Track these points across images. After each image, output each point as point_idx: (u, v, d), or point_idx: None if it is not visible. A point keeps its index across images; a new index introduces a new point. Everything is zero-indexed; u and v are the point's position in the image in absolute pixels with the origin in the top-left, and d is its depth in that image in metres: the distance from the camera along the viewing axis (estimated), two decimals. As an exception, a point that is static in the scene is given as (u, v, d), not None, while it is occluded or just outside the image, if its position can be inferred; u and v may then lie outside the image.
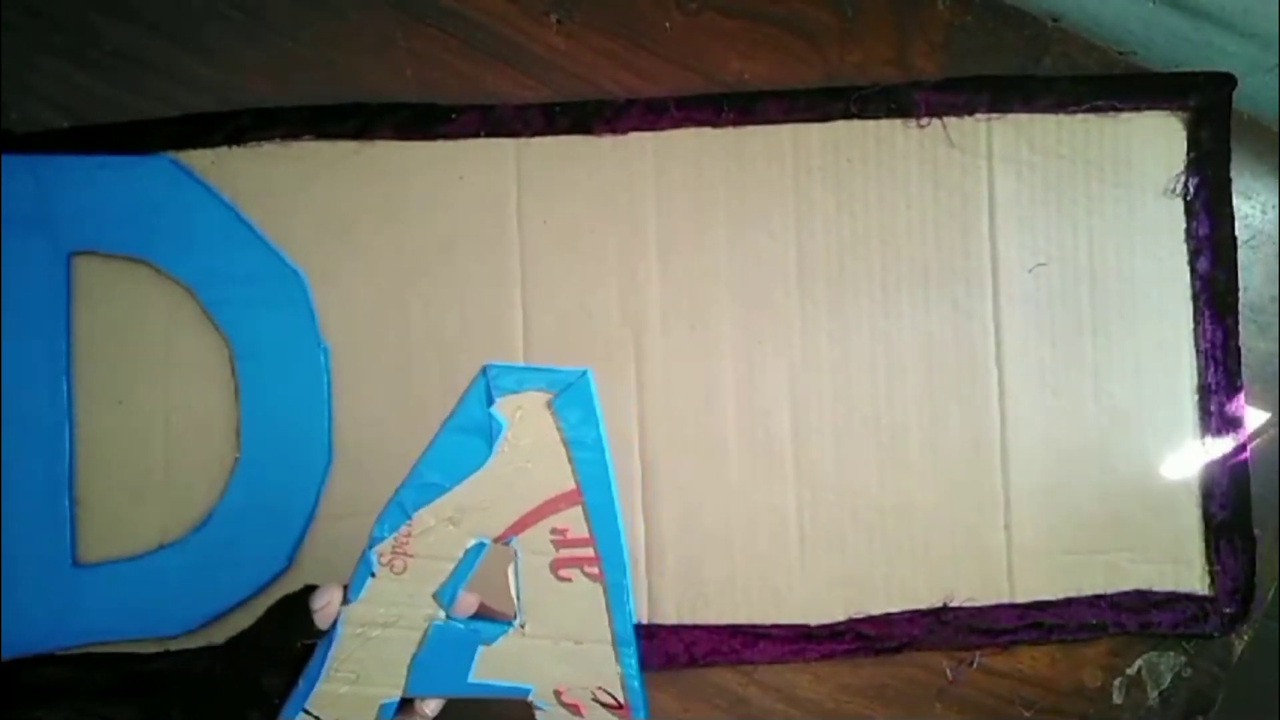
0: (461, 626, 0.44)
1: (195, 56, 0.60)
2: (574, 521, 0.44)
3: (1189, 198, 0.61)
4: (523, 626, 0.45)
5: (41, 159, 0.58)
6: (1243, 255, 0.62)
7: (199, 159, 0.58)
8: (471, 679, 0.44)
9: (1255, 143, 0.63)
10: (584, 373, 0.43)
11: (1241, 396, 0.61)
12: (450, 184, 0.59)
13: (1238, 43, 0.59)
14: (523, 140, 0.59)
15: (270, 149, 0.59)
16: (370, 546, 0.43)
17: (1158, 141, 0.61)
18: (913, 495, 0.60)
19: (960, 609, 0.60)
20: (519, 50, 0.60)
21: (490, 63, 0.60)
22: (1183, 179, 0.61)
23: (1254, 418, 0.62)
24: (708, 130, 0.60)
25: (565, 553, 0.44)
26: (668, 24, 0.61)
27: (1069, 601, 0.60)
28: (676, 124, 0.60)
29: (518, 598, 0.44)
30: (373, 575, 0.43)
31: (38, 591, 0.57)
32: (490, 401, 0.43)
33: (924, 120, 0.61)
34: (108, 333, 0.58)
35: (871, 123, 0.60)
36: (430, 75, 0.60)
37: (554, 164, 0.59)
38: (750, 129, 0.60)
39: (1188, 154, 0.61)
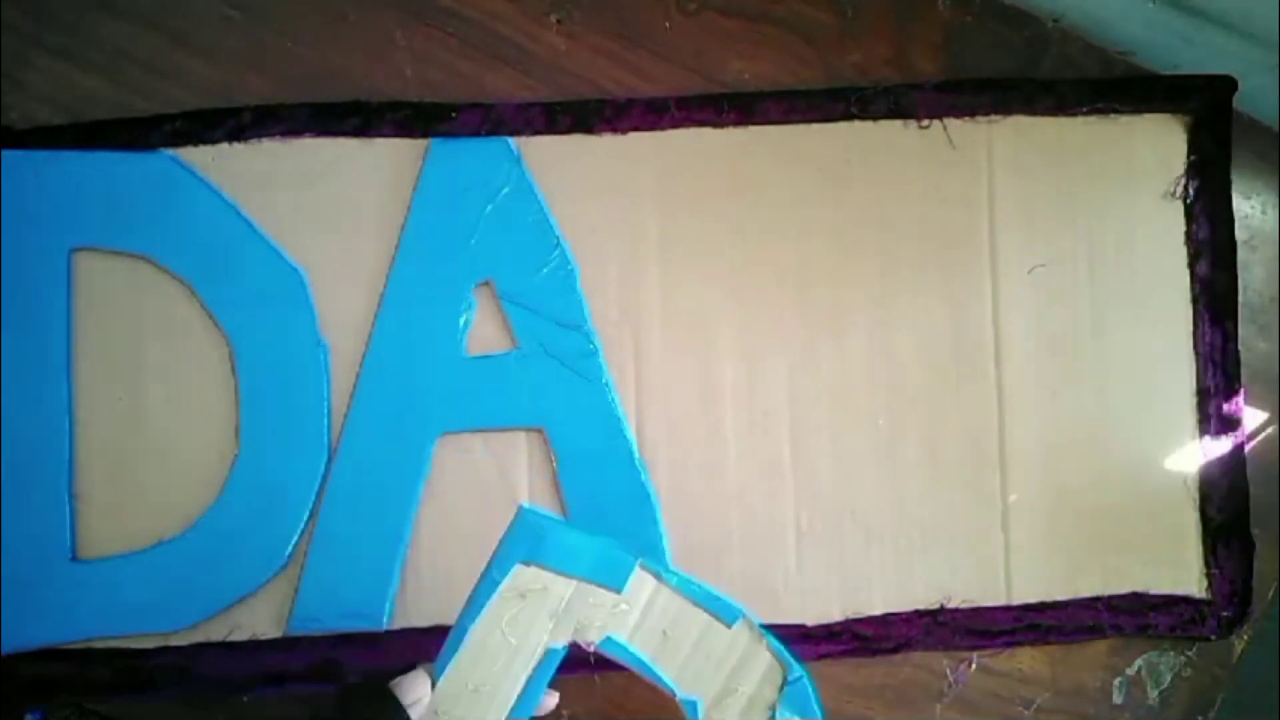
0: None
1: (195, 56, 0.60)
2: None
3: (1189, 201, 0.61)
4: None
5: (43, 155, 0.58)
6: (1242, 255, 0.62)
7: (200, 156, 0.58)
8: None
9: (1255, 143, 0.63)
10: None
11: (1240, 399, 0.61)
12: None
13: (1238, 43, 0.59)
14: (522, 139, 0.59)
15: (271, 146, 0.59)
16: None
17: (1158, 144, 0.61)
18: (910, 496, 0.60)
19: (957, 610, 0.60)
20: (519, 50, 0.60)
21: (490, 63, 0.60)
22: (1182, 182, 0.61)
23: (1253, 418, 0.62)
24: (708, 130, 0.60)
25: None
26: (668, 24, 0.61)
27: (1066, 603, 0.60)
28: (677, 124, 0.60)
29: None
30: None
31: (37, 587, 0.57)
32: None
33: (925, 121, 0.61)
34: (108, 329, 0.58)
35: (872, 123, 0.61)
36: (430, 75, 0.60)
37: (554, 163, 0.59)
38: (751, 129, 0.60)
39: (1188, 157, 0.61)
